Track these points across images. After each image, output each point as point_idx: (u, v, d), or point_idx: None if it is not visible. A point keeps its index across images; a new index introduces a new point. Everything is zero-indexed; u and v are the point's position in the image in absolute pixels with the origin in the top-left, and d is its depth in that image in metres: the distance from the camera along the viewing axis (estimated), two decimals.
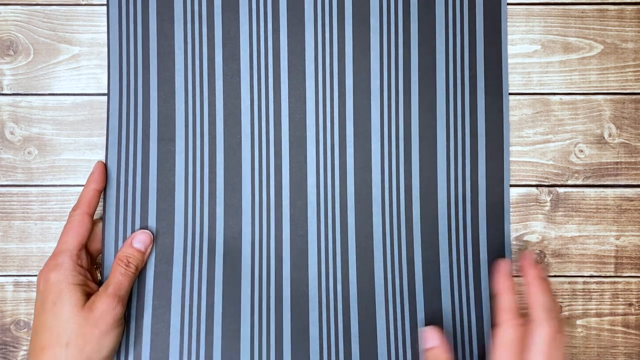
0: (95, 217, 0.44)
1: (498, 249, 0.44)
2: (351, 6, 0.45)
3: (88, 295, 0.41)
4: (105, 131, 0.46)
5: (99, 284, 0.43)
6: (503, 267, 0.42)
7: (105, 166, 0.44)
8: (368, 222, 0.44)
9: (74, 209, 0.43)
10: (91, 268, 0.43)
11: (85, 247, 0.43)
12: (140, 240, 0.43)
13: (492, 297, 0.44)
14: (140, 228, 0.44)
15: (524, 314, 0.41)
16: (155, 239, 0.44)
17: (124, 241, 0.44)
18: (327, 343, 0.43)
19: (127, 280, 0.42)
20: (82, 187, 0.45)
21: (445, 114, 0.45)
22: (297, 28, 0.45)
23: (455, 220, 0.44)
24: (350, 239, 0.44)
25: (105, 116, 0.46)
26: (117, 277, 0.42)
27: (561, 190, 0.46)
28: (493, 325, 0.43)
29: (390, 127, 0.45)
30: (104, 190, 0.44)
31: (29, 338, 0.46)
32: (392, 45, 0.45)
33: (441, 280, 0.44)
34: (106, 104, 0.46)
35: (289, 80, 0.45)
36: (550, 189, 0.46)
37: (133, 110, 0.44)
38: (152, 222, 0.44)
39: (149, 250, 0.44)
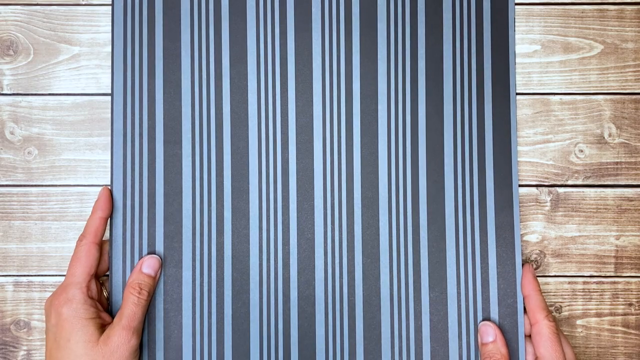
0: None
1: (507, 252, 0.44)
2: (358, 10, 0.45)
3: (101, 327, 0.41)
4: (106, 131, 0.46)
5: (108, 304, 0.43)
6: (528, 270, 0.43)
7: (110, 192, 0.44)
8: (374, 226, 0.44)
9: (80, 239, 0.42)
10: (101, 295, 0.43)
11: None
12: (150, 265, 0.43)
13: (503, 299, 0.44)
14: (148, 231, 0.44)
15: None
16: (163, 242, 0.44)
17: (131, 243, 0.44)
18: (333, 344, 0.44)
19: (140, 309, 0.41)
20: (82, 186, 0.45)
21: (452, 118, 0.45)
22: (305, 32, 0.45)
23: (463, 223, 0.44)
24: (356, 242, 0.44)
25: (105, 116, 0.46)
26: (130, 308, 0.41)
27: (561, 190, 0.46)
28: (501, 325, 0.43)
29: (397, 131, 0.45)
30: (110, 216, 0.44)
31: (29, 338, 0.46)
32: (400, 49, 0.45)
33: (448, 284, 0.44)
34: (106, 104, 0.46)
35: (296, 84, 0.45)
36: (550, 189, 0.46)
37: (138, 113, 0.44)
38: (159, 225, 0.44)
39: (158, 274, 0.43)
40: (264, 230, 0.44)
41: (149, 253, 0.44)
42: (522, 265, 0.44)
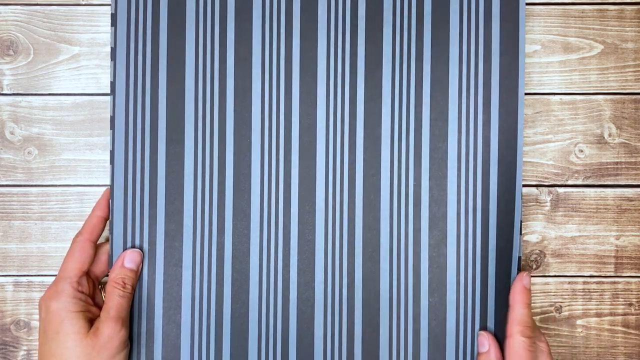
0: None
1: (507, 257, 0.44)
2: (364, 12, 0.45)
3: (91, 321, 0.41)
4: (106, 132, 0.46)
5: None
6: (520, 280, 0.42)
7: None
8: (375, 228, 0.44)
9: (76, 236, 0.43)
10: (94, 293, 0.43)
11: (89, 271, 0.43)
12: (131, 259, 0.43)
13: (499, 308, 0.43)
14: (149, 230, 0.44)
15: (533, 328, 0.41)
16: (163, 240, 0.44)
17: (131, 242, 0.44)
18: (331, 345, 0.44)
19: (126, 301, 0.42)
20: (82, 186, 0.45)
21: (457, 122, 0.44)
22: (310, 32, 0.45)
23: (465, 228, 0.44)
24: (357, 244, 0.44)
25: (105, 116, 0.46)
26: (116, 300, 0.41)
27: (561, 190, 0.46)
28: (496, 334, 0.43)
29: (400, 134, 0.44)
30: (109, 217, 0.44)
31: (29, 338, 0.46)
32: (405, 51, 0.45)
33: (447, 287, 0.44)
34: (106, 104, 0.46)
35: (300, 85, 0.45)
36: (550, 189, 0.46)
37: (140, 110, 0.44)
38: (160, 224, 0.44)
39: (140, 268, 0.43)
40: (265, 230, 0.44)
41: (149, 252, 0.44)
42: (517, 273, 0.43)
